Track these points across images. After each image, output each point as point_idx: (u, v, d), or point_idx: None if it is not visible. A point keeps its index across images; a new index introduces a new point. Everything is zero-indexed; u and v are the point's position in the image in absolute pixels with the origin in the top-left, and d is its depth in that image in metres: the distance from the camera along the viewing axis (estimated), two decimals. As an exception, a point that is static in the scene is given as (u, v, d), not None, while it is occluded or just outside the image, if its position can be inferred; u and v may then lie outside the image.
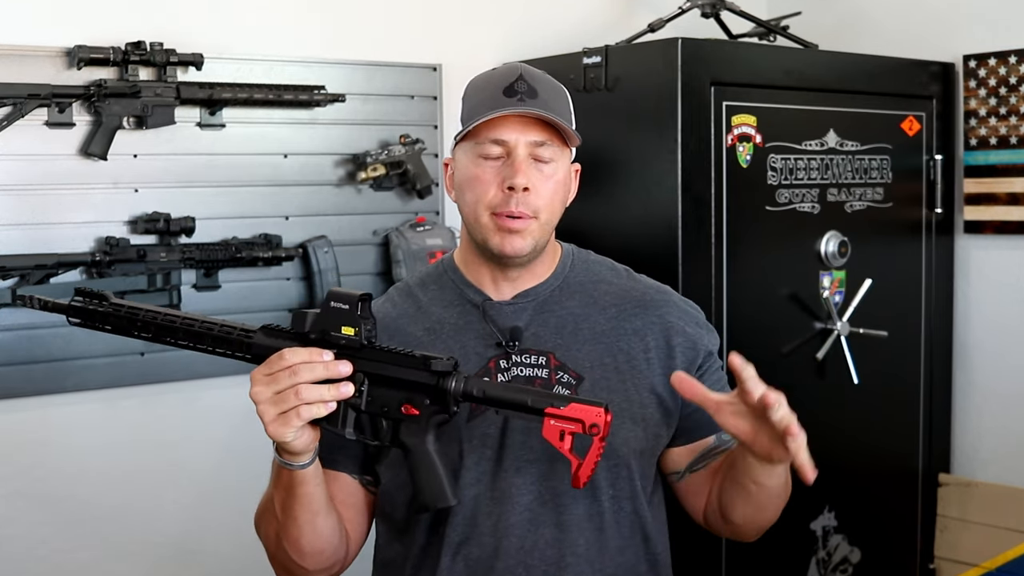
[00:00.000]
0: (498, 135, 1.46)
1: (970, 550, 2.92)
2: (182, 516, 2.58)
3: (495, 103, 1.45)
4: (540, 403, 1.32)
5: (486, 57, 2.77)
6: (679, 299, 1.60)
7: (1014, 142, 2.87)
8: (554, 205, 1.50)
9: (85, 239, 2.41)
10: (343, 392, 1.32)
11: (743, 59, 2.62)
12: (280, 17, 2.65)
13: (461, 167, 1.51)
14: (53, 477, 2.43)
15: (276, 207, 2.62)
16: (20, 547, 2.40)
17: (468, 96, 1.51)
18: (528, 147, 1.46)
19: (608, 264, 1.62)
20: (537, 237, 1.48)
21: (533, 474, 1.47)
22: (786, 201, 2.63)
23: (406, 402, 1.36)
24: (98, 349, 2.43)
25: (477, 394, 1.35)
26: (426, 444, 1.36)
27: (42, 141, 2.35)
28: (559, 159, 1.49)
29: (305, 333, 1.36)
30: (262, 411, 1.32)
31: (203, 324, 1.41)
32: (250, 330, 1.39)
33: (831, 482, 2.76)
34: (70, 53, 2.35)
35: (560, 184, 1.50)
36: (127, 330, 1.44)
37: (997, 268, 2.96)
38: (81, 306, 1.44)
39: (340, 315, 1.35)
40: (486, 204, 1.47)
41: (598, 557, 1.48)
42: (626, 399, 1.49)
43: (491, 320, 1.51)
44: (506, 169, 1.46)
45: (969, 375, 3.03)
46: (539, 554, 1.46)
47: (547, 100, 1.47)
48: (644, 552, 1.53)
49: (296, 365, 1.31)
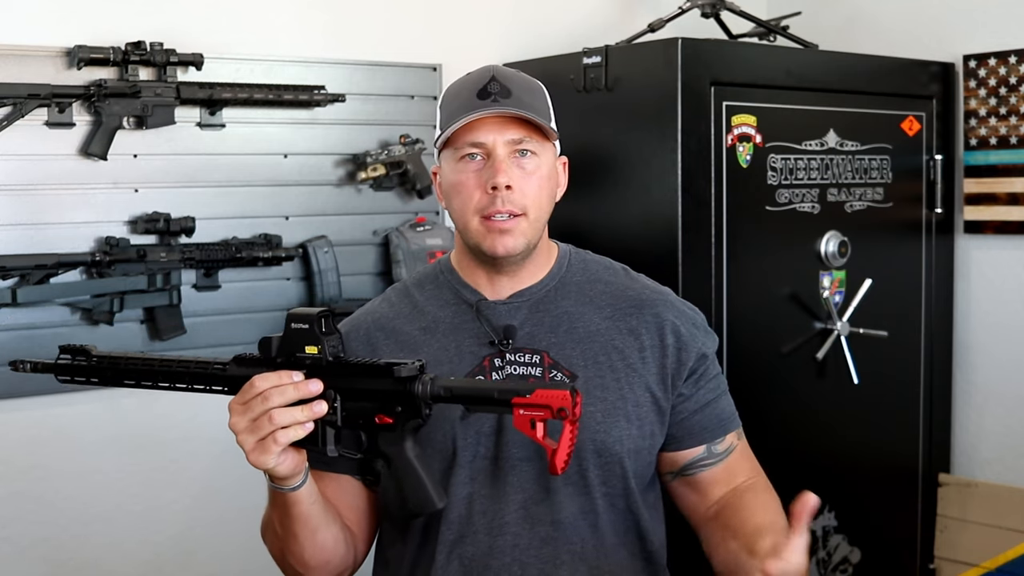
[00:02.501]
0: (475, 138, 1.46)
1: (970, 550, 2.92)
2: (181, 515, 2.58)
3: (470, 106, 1.45)
4: (505, 395, 1.31)
5: (486, 57, 2.77)
6: (677, 300, 1.60)
7: (1014, 142, 2.87)
8: (541, 201, 1.49)
9: (85, 239, 2.41)
10: (316, 411, 1.32)
11: (743, 59, 2.62)
12: (280, 17, 2.65)
13: (446, 175, 1.52)
14: (53, 477, 2.43)
15: (276, 207, 2.62)
16: (20, 547, 2.39)
17: (444, 103, 1.52)
18: (507, 146, 1.46)
19: (605, 263, 1.62)
20: (528, 234, 1.48)
21: (527, 472, 1.47)
22: (786, 201, 2.63)
23: (379, 412, 1.36)
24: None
25: (444, 394, 1.34)
26: (405, 451, 1.36)
27: (42, 141, 2.35)
28: (541, 154, 1.49)
29: (272, 358, 1.37)
30: (241, 441, 1.32)
31: (179, 364, 1.42)
32: (224, 362, 1.40)
33: (831, 482, 2.77)
34: (70, 53, 2.36)
35: (545, 179, 1.50)
36: (113, 380, 1.47)
37: (997, 268, 2.96)
38: (67, 364, 1.48)
39: (302, 335, 1.36)
40: (473, 208, 1.47)
41: (593, 555, 1.48)
42: (620, 397, 1.49)
43: (485, 319, 1.52)
44: (487, 171, 1.46)
45: (969, 375, 3.03)
46: (534, 552, 1.46)
47: (521, 97, 1.47)
48: (639, 549, 1.53)
49: (267, 391, 1.31)
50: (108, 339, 2.43)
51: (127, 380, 1.46)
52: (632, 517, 1.52)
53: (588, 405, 1.46)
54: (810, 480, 2.74)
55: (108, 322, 2.42)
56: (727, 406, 1.59)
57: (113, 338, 2.44)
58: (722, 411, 1.57)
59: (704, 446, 1.55)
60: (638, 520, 1.52)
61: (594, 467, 1.47)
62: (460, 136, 1.46)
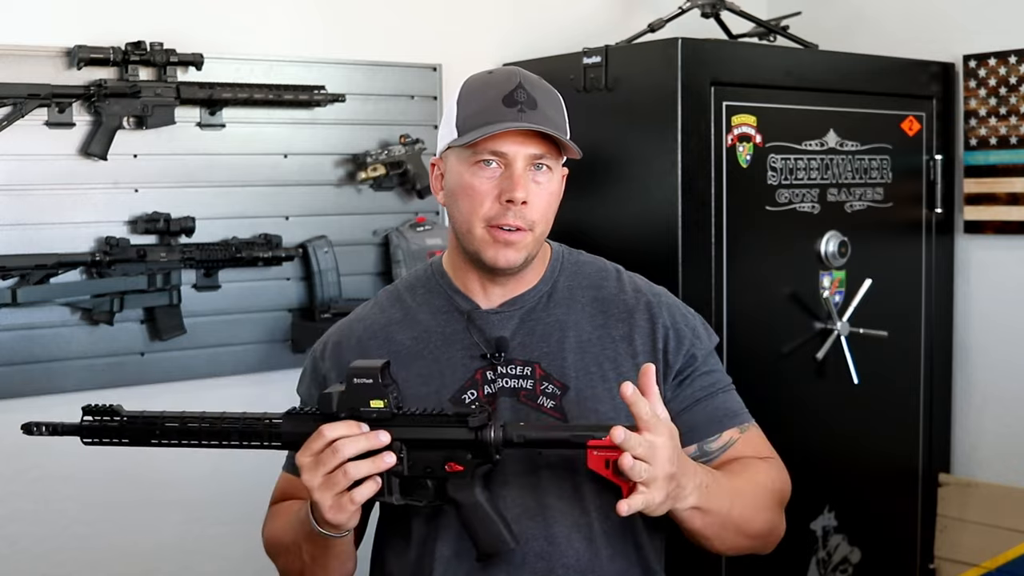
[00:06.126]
0: (498, 147, 1.43)
1: (970, 550, 2.92)
2: (181, 515, 2.57)
3: (496, 114, 1.43)
4: (580, 439, 1.33)
5: (486, 57, 2.77)
6: (671, 300, 1.58)
7: (1014, 142, 2.86)
8: (548, 216, 1.49)
9: (85, 239, 2.42)
10: (387, 463, 1.32)
11: (743, 59, 2.61)
12: (280, 17, 2.65)
13: (454, 173, 1.48)
14: (52, 477, 2.42)
15: (276, 207, 2.62)
16: (20, 546, 2.39)
17: (464, 100, 1.48)
18: (527, 159, 1.44)
19: (598, 265, 1.61)
20: (531, 248, 1.48)
21: (522, 488, 1.45)
22: (786, 201, 2.63)
23: (449, 460, 1.37)
24: (98, 349, 2.44)
25: (517, 440, 1.36)
26: (476, 497, 1.38)
27: (42, 141, 2.36)
28: (554, 169, 1.49)
29: (334, 413, 1.36)
30: (318, 499, 1.32)
31: (226, 421, 1.39)
32: (274, 417, 1.39)
33: (831, 482, 2.77)
34: (70, 53, 2.35)
35: (554, 195, 1.50)
36: (146, 440, 1.42)
37: (997, 268, 2.96)
38: (93, 424, 1.42)
39: (365, 390, 1.35)
40: (482, 216, 1.45)
41: (588, 568, 1.46)
42: (612, 408, 1.47)
43: (477, 330, 1.51)
44: (504, 182, 1.44)
45: (969, 375, 3.03)
46: (529, 568, 1.45)
47: (545, 110, 1.46)
48: (637, 560, 1.51)
49: (337, 441, 1.31)
50: (108, 339, 2.43)
51: (165, 440, 1.40)
52: (629, 527, 1.50)
53: (581, 418, 1.46)
54: (810, 480, 2.75)
55: (108, 322, 2.42)
56: (723, 403, 1.56)
57: (113, 337, 2.44)
58: (716, 409, 1.54)
59: (695, 445, 1.52)
60: (634, 529, 1.50)
61: (588, 480, 1.45)
62: (481, 141, 1.43)
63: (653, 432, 1.28)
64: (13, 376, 2.36)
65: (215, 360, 2.57)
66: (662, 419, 1.31)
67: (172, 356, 2.52)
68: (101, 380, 2.45)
